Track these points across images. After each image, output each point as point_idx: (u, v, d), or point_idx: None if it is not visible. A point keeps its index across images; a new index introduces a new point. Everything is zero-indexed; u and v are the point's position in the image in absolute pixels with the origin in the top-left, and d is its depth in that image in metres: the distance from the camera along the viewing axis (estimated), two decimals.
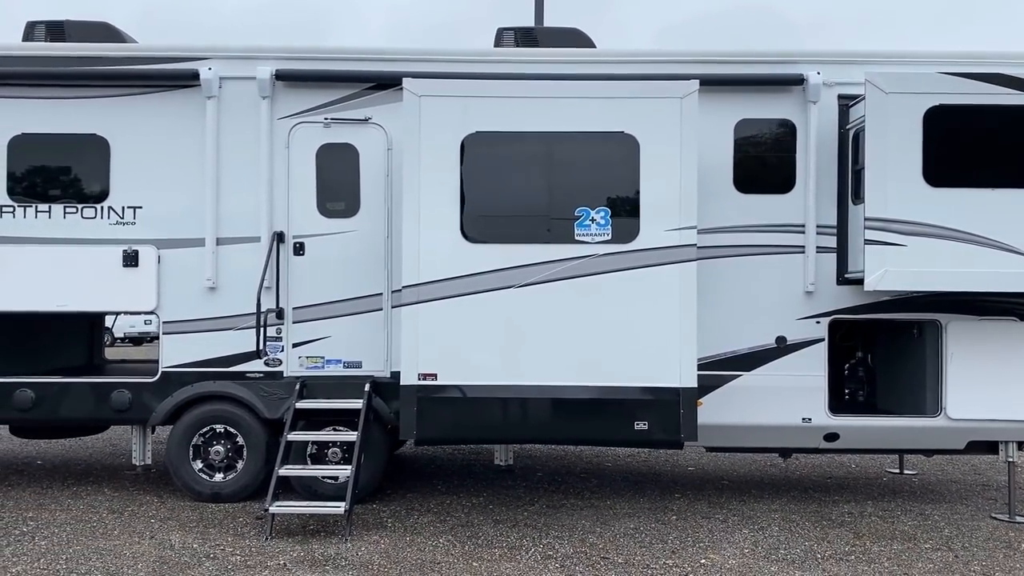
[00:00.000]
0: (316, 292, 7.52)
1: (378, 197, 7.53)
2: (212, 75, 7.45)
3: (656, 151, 6.72)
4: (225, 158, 7.53)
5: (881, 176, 6.93)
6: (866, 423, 7.61)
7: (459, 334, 6.72)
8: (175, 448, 7.49)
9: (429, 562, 5.98)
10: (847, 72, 7.52)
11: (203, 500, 7.47)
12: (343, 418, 7.36)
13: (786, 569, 6.02)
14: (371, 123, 7.53)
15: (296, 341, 7.52)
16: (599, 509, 7.56)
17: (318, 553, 6.13)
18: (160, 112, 7.55)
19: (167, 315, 7.54)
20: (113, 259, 7.46)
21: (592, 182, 6.79)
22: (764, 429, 7.52)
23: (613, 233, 6.73)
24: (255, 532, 6.63)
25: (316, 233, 7.54)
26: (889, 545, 6.65)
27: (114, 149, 7.54)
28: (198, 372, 7.53)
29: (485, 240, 6.78)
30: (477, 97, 6.76)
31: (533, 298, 6.70)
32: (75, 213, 7.55)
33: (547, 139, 6.79)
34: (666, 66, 7.50)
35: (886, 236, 6.91)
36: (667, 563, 6.08)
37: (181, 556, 6.00)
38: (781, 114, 7.56)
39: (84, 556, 5.98)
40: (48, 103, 7.56)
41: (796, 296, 7.52)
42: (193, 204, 7.53)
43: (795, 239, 7.55)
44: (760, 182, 7.56)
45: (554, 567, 5.94)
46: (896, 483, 9.01)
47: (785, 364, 7.49)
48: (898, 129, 6.91)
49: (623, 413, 6.68)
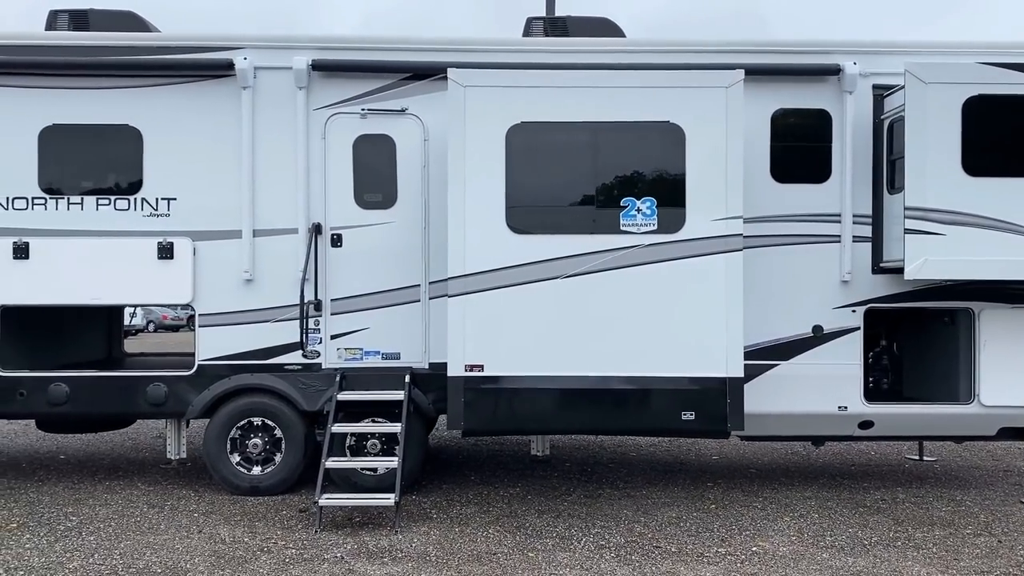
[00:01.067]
0: (354, 284, 7.48)
1: (415, 188, 7.50)
2: (247, 65, 7.37)
3: (702, 141, 6.73)
4: (261, 149, 7.47)
5: (920, 165, 6.98)
6: (901, 410, 7.68)
7: (505, 325, 6.72)
8: (213, 442, 7.44)
9: (484, 553, 5.98)
10: (882, 62, 7.56)
11: (241, 493, 7.42)
12: (380, 410, 7.34)
13: (836, 556, 6.07)
14: (408, 114, 7.48)
15: (334, 333, 7.48)
16: (636, 498, 7.60)
17: (371, 545, 6.12)
18: (194, 102, 7.46)
19: (203, 308, 7.47)
20: (148, 251, 7.38)
21: (638, 172, 6.80)
22: (800, 417, 7.58)
23: (659, 223, 6.74)
24: (303, 525, 6.60)
25: (353, 224, 7.49)
26: (931, 531, 6.73)
27: (147, 140, 7.45)
28: (235, 365, 7.47)
29: (530, 231, 6.77)
30: (522, 87, 6.74)
31: (579, 289, 6.70)
32: (108, 205, 7.46)
33: (592, 129, 6.78)
34: (702, 56, 7.51)
35: (925, 225, 6.96)
36: (719, 551, 6.12)
37: (235, 550, 5.96)
38: (817, 104, 7.59)
39: (137, 551, 5.93)
40: (79, 93, 7.45)
41: (832, 285, 7.57)
42: (229, 196, 7.46)
43: (831, 228, 7.59)
44: (796, 172, 7.58)
45: (609, 556, 5.96)
46: (919, 470, 9.11)
47: (821, 353, 7.54)
48: (937, 119, 6.95)
49: (670, 403, 6.71)
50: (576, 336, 6.72)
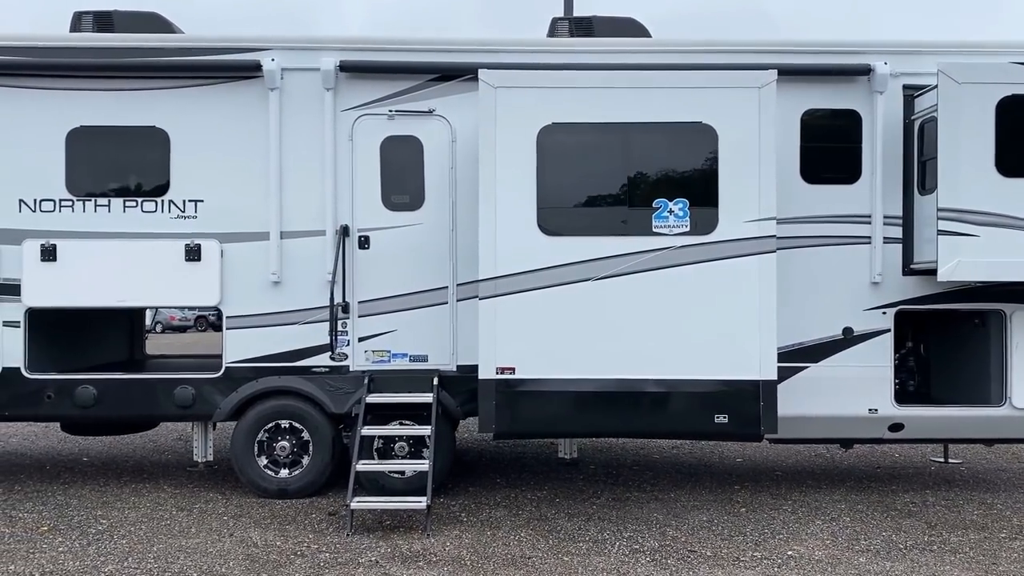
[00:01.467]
0: (381, 286, 7.46)
1: (443, 190, 7.46)
2: (275, 66, 7.34)
3: (735, 141, 6.68)
4: (288, 151, 7.44)
5: (954, 166, 6.92)
6: (932, 413, 7.63)
7: (537, 327, 6.68)
8: (240, 444, 7.42)
9: (519, 557, 5.95)
10: (913, 62, 7.51)
11: (269, 496, 7.40)
12: (408, 412, 7.31)
13: (874, 560, 6.02)
14: (435, 115, 7.45)
15: (362, 335, 7.46)
16: (665, 502, 7.55)
17: (404, 549, 6.08)
18: (221, 104, 7.44)
19: (230, 310, 7.45)
20: (175, 253, 7.36)
21: (670, 173, 6.76)
22: (831, 420, 7.53)
23: (692, 224, 6.70)
24: (333, 528, 6.57)
25: (381, 226, 7.46)
26: (965, 535, 6.67)
27: (174, 142, 7.44)
28: (262, 367, 7.45)
29: (562, 233, 6.73)
30: (553, 88, 6.70)
31: (611, 291, 6.66)
32: (135, 207, 7.44)
33: (624, 130, 6.74)
34: (732, 56, 7.47)
35: (959, 226, 6.91)
36: (755, 555, 6.08)
37: (268, 554, 5.94)
38: (847, 104, 7.54)
39: (170, 555, 5.90)
40: (106, 95, 7.44)
41: (862, 287, 7.52)
42: (256, 197, 7.43)
43: (861, 230, 7.54)
44: (826, 173, 7.54)
45: (645, 561, 5.92)
46: (946, 472, 9.04)
47: (852, 355, 7.49)
48: (971, 119, 6.90)
49: (703, 406, 6.66)
50: (608, 338, 6.68)
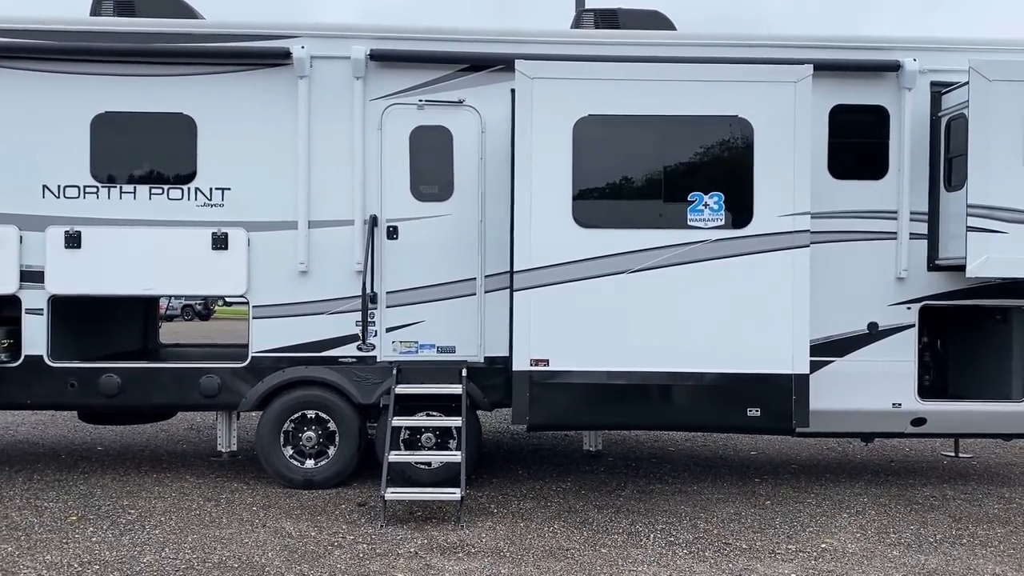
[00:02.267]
0: (409, 276, 7.42)
1: (472, 181, 7.43)
2: (304, 54, 7.28)
3: (770, 136, 6.69)
4: (316, 139, 7.38)
5: (983, 163, 6.96)
6: (955, 408, 7.69)
7: (571, 319, 6.67)
8: (266, 435, 7.37)
9: (556, 548, 5.95)
10: (941, 59, 7.54)
11: (295, 487, 7.36)
12: (435, 403, 7.29)
13: (907, 553, 6.07)
14: (465, 105, 7.41)
15: (390, 326, 7.42)
16: (689, 494, 7.58)
17: (441, 540, 6.07)
18: (249, 91, 7.36)
19: (257, 299, 7.39)
20: (202, 242, 7.29)
21: (705, 167, 6.76)
22: (855, 414, 7.57)
23: (726, 218, 6.71)
24: (366, 519, 6.55)
25: (410, 217, 7.42)
26: (991, 528, 6.74)
27: (201, 129, 7.36)
28: (289, 357, 7.40)
29: (597, 225, 6.72)
30: (590, 80, 6.68)
31: (646, 284, 6.66)
32: (161, 194, 7.36)
33: (660, 122, 6.73)
34: (761, 50, 7.46)
35: (988, 223, 6.95)
36: (789, 548, 6.11)
37: (306, 545, 5.91)
38: (875, 100, 7.56)
39: (207, 545, 5.86)
40: (132, 80, 7.35)
41: (888, 282, 7.56)
42: (284, 186, 7.37)
43: (887, 225, 7.57)
44: (854, 168, 7.56)
45: (682, 553, 5.94)
46: (959, 466, 9.13)
47: (877, 350, 7.54)
48: (1001, 116, 6.93)
49: (736, 399, 6.68)
50: (642, 331, 6.68)
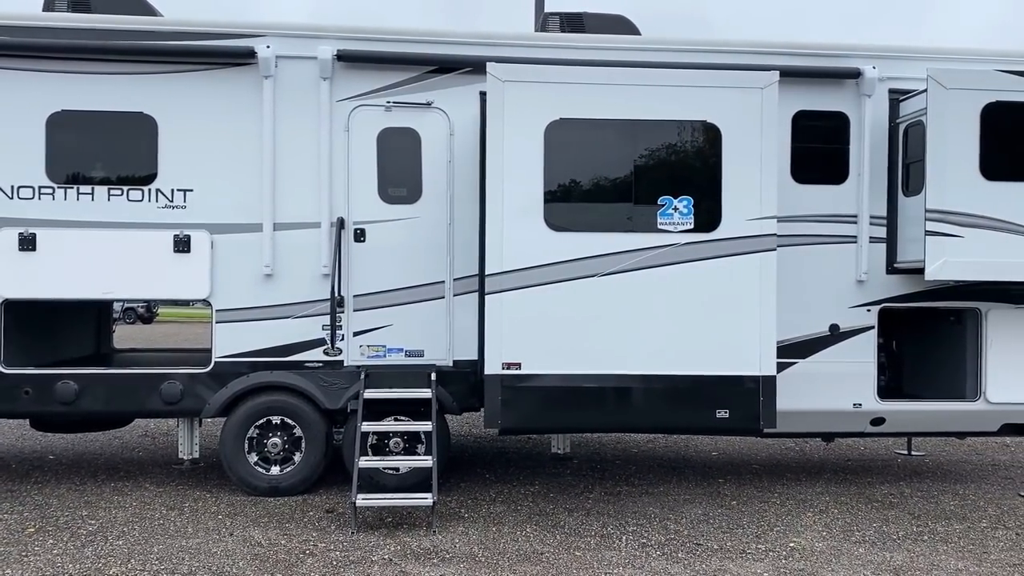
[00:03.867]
0: (377, 280, 7.35)
1: (440, 183, 7.39)
2: (270, 54, 7.15)
3: (738, 140, 6.78)
4: (282, 141, 7.26)
5: (941, 169, 7.16)
6: (912, 408, 7.89)
7: (542, 323, 6.67)
8: (230, 441, 7.22)
9: (531, 552, 5.94)
10: (899, 67, 7.73)
11: (259, 494, 7.23)
12: (403, 408, 7.23)
13: (872, 551, 6.20)
14: (433, 107, 7.37)
15: (357, 330, 7.34)
16: (656, 496, 7.64)
17: (414, 546, 6.01)
18: (212, 91, 7.21)
19: (221, 303, 7.24)
20: (163, 244, 7.12)
21: (674, 171, 6.82)
22: (816, 415, 7.72)
23: (695, 222, 6.77)
24: (336, 526, 6.45)
25: (377, 219, 7.35)
26: (950, 525, 6.92)
27: (162, 128, 7.18)
28: (253, 362, 7.27)
29: (568, 228, 6.73)
30: (562, 83, 6.69)
31: (616, 287, 6.69)
32: (120, 195, 7.17)
33: (630, 126, 6.77)
34: (726, 56, 7.56)
35: (945, 227, 7.15)
36: (759, 547, 6.19)
37: (276, 553, 5.80)
38: (836, 107, 7.72)
39: (174, 556, 5.71)
40: (90, 78, 7.14)
41: (848, 285, 7.72)
42: (248, 188, 7.24)
43: (848, 229, 7.74)
44: (815, 173, 7.70)
45: (656, 554, 5.97)
46: (913, 465, 9.37)
47: (838, 351, 7.70)
48: (957, 124, 7.14)
49: (705, 401, 6.76)
50: (613, 334, 6.71)
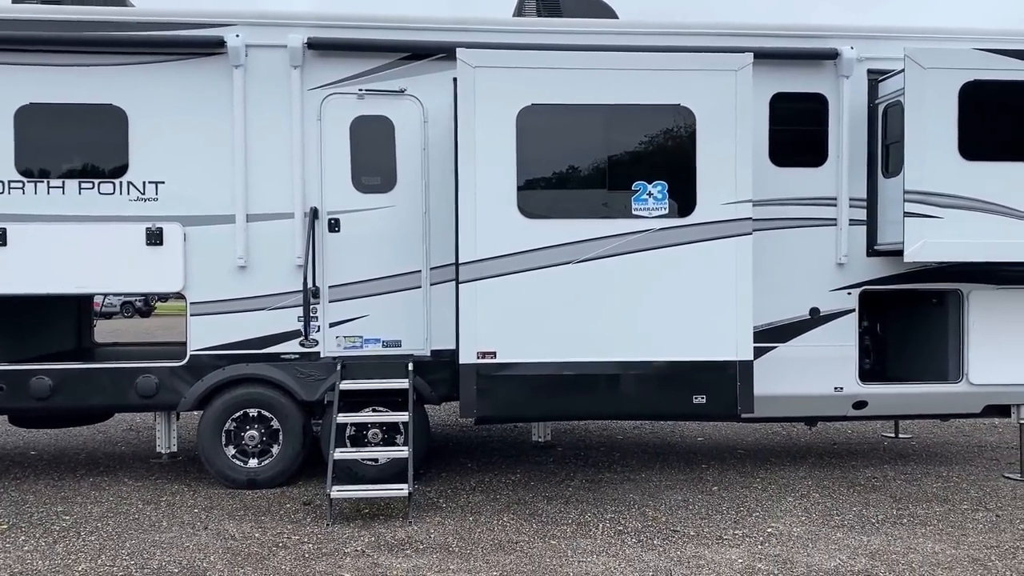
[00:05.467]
0: (352, 270, 7.29)
1: (415, 172, 7.32)
2: (239, 43, 7.08)
3: (712, 124, 6.71)
4: (253, 131, 7.19)
5: (919, 150, 7.10)
6: (894, 390, 7.85)
7: (517, 311, 6.61)
8: (207, 434, 7.19)
9: (506, 542, 5.91)
10: (877, 47, 7.66)
11: (238, 487, 7.19)
12: (381, 398, 7.18)
13: (850, 535, 6.17)
14: (406, 95, 7.30)
15: (333, 320, 7.29)
16: (638, 482, 7.61)
17: (389, 537, 5.98)
18: (182, 81, 7.14)
19: (195, 296, 7.19)
20: (135, 237, 7.06)
21: (649, 156, 6.75)
22: (798, 399, 7.68)
23: (670, 207, 6.71)
24: (311, 519, 6.42)
25: (351, 209, 7.29)
26: (930, 507, 6.89)
27: (132, 120, 7.11)
28: (229, 355, 7.22)
29: (542, 215, 6.67)
30: (533, 68, 6.61)
31: (591, 274, 6.63)
32: (91, 189, 7.10)
33: (604, 111, 6.69)
34: (702, 38, 7.49)
35: (924, 208, 7.10)
36: (736, 533, 6.16)
37: (249, 547, 5.76)
38: (814, 88, 7.64)
39: (146, 551, 5.68)
40: (59, 71, 7.07)
41: (829, 268, 7.67)
42: (221, 179, 7.18)
43: (827, 212, 7.68)
44: (794, 156, 7.64)
45: (631, 542, 5.94)
46: (899, 447, 9.34)
47: (819, 335, 7.65)
48: (935, 104, 7.08)
49: (683, 387, 6.71)
50: (589, 321, 6.66)
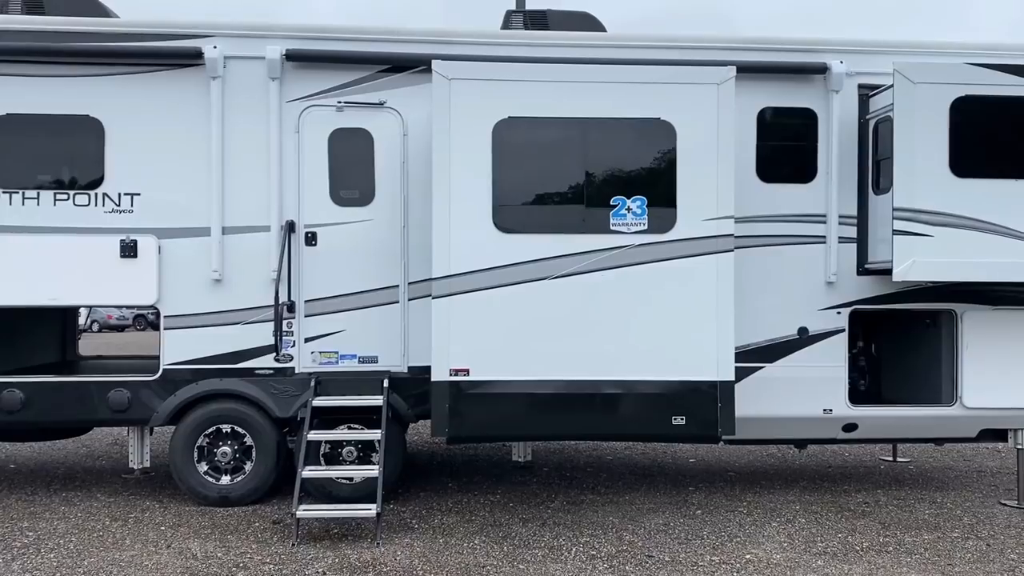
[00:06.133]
0: (329, 284, 7.18)
1: (394, 185, 7.22)
2: (217, 54, 7.01)
3: (693, 138, 6.56)
4: (231, 143, 7.11)
5: (908, 166, 6.91)
6: (885, 413, 7.63)
7: (492, 328, 6.48)
8: (179, 450, 7.07)
9: (473, 565, 5.74)
10: (868, 62, 7.50)
11: (210, 504, 7.07)
12: (357, 415, 7.05)
13: (831, 563, 5.96)
14: (386, 107, 7.20)
15: (308, 336, 7.17)
16: (620, 504, 7.42)
17: (353, 559, 5.83)
18: (160, 93, 7.08)
19: (169, 309, 7.10)
20: (109, 249, 6.99)
21: (628, 170, 6.61)
22: (785, 421, 7.47)
23: (649, 223, 6.56)
24: (278, 538, 6.28)
25: (329, 222, 7.18)
26: (919, 535, 6.66)
27: (109, 132, 7.06)
28: (202, 369, 7.11)
29: (518, 230, 6.53)
30: (510, 81, 6.50)
31: (568, 290, 6.49)
32: (67, 200, 7.04)
33: (582, 125, 6.57)
34: (689, 52, 7.35)
35: (914, 226, 6.90)
36: (713, 560, 5.96)
37: (209, 567, 5.63)
38: (803, 103, 7.49)
39: (102, 569, 5.56)
40: (35, 81, 7.02)
41: (817, 287, 7.48)
42: (197, 191, 7.10)
43: (816, 229, 7.50)
44: (782, 171, 7.48)
45: (603, 567, 5.76)
46: (895, 471, 9.10)
47: (807, 355, 7.45)
48: (925, 119, 6.90)
49: (661, 408, 6.54)
50: (565, 339, 6.51)
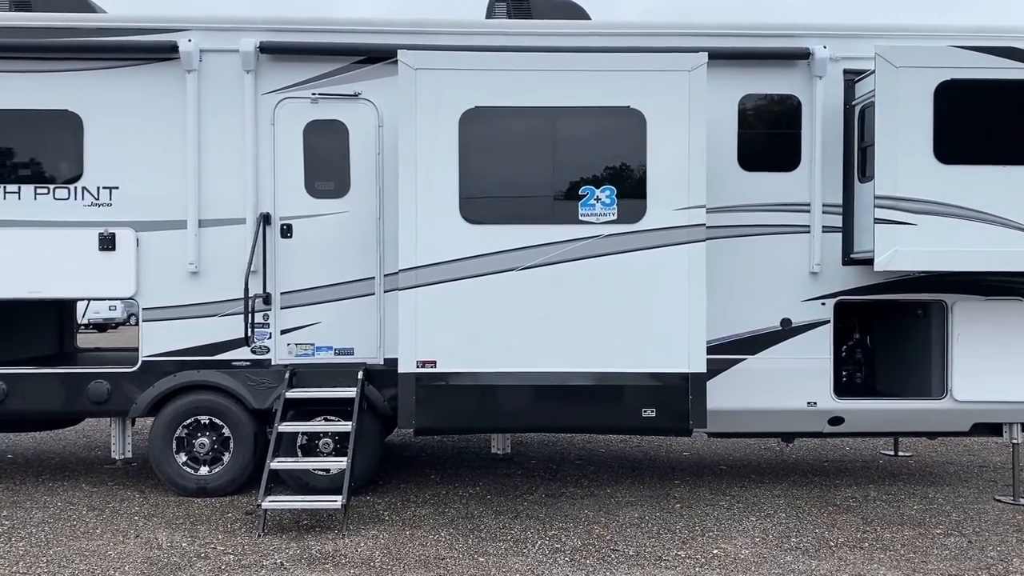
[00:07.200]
0: (305, 276, 7.19)
1: (369, 176, 7.20)
2: (192, 47, 7.04)
3: (663, 127, 6.45)
4: (207, 135, 7.15)
5: (891, 153, 6.73)
6: (872, 406, 7.45)
7: (459, 319, 6.44)
8: (158, 441, 7.14)
9: (432, 558, 5.71)
10: (853, 46, 7.31)
11: (188, 495, 7.13)
12: (334, 407, 7.06)
13: (800, 559, 5.84)
14: (361, 99, 7.18)
15: (284, 327, 7.19)
16: (600, 498, 7.35)
17: (315, 550, 5.84)
18: (137, 87, 7.13)
19: (147, 301, 7.16)
20: (88, 243, 7.06)
21: (597, 160, 6.51)
22: (769, 414, 7.34)
23: (619, 213, 6.47)
24: (247, 529, 6.31)
25: (304, 214, 7.19)
26: (900, 531, 6.51)
27: (87, 126, 7.13)
28: (180, 361, 7.17)
29: (485, 221, 6.48)
30: (476, 70, 6.44)
31: (536, 281, 6.42)
32: (46, 194, 7.13)
33: (550, 114, 6.49)
34: (668, 39, 7.22)
35: (896, 215, 6.72)
36: (679, 554, 5.88)
37: (170, 556, 5.67)
38: (786, 89, 7.33)
39: (66, 558, 5.63)
40: (14, 77, 7.11)
41: (801, 277, 7.32)
42: (174, 184, 7.14)
43: (800, 218, 7.34)
44: (764, 159, 7.33)
45: (563, 561, 5.70)
46: (894, 465, 8.91)
47: (790, 347, 7.30)
48: (908, 104, 6.70)
49: (630, 400, 6.45)
50: (532, 330, 6.44)
